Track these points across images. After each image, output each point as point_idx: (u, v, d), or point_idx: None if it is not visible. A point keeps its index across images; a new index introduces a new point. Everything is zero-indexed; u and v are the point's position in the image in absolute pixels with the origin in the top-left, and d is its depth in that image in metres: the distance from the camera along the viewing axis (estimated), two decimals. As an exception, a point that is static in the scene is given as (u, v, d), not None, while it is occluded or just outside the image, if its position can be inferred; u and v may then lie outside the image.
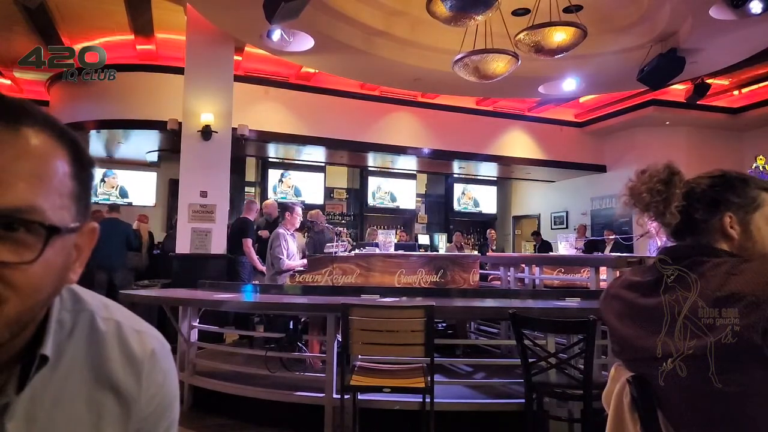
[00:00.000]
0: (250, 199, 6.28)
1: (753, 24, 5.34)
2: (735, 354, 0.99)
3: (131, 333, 0.64)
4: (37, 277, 0.51)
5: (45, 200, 0.50)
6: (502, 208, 13.30)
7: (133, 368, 0.63)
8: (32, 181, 0.50)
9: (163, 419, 0.66)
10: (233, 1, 5.31)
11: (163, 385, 0.65)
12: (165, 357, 0.67)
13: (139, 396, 0.62)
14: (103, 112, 7.66)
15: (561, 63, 6.42)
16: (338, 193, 11.72)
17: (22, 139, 0.50)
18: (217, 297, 3.77)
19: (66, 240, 0.53)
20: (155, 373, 0.64)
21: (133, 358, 0.63)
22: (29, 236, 0.49)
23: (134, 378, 0.62)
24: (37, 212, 0.49)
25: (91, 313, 0.63)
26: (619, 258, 4.69)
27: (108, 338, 0.62)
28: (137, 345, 0.64)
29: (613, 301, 1.25)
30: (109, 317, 0.64)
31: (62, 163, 0.53)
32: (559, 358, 2.77)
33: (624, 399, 1.14)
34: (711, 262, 1.09)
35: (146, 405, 0.63)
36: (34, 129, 0.51)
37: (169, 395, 0.67)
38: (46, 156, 0.52)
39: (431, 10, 4.32)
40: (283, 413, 3.50)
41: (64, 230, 0.52)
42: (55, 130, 0.54)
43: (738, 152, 9.59)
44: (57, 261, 0.53)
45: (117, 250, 6.77)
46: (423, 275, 5.51)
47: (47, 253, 0.50)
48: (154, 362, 0.65)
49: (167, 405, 0.67)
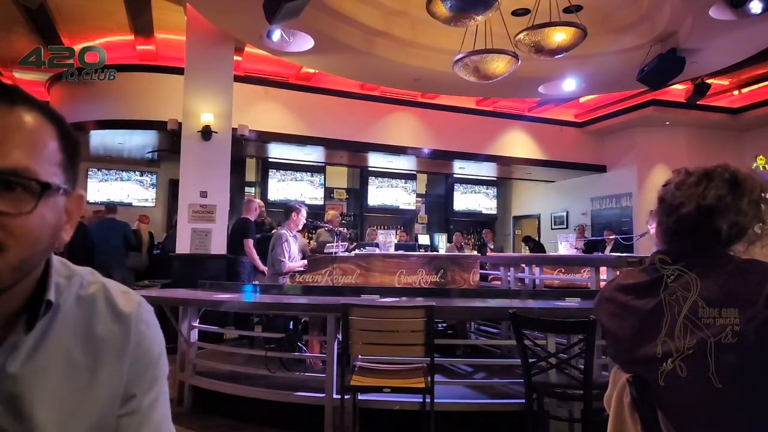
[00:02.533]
0: (249, 198, 6.24)
1: (753, 24, 5.34)
2: (735, 354, 0.99)
3: (117, 293, 0.74)
4: (34, 227, 0.59)
5: (38, 165, 0.60)
6: (502, 208, 13.30)
7: (121, 321, 0.71)
8: (26, 149, 0.59)
9: (150, 368, 0.74)
10: (233, 2, 5.31)
11: (147, 334, 0.74)
12: (148, 312, 0.76)
13: (128, 343, 0.71)
14: (103, 112, 7.66)
15: (561, 63, 6.42)
16: (338, 193, 11.73)
17: (17, 116, 0.60)
18: (217, 297, 3.77)
19: (57, 200, 0.63)
20: (140, 325, 0.73)
21: (120, 313, 0.72)
22: (25, 194, 0.58)
23: (122, 329, 0.71)
24: (31, 172, 0.59)
25: (81, 278, 0.72)
26: (619, 258, 4.69)
27: (96, 298, 0.71)
28: (123, 302, 0.73)
29: (608, 304, 1.24)
30: (96, 281, 0.73)
31: (51, 137, 0.63)
32: (560, 358, 2.77)
33: (624, 399, 1.14)
34: (711, 263, 1.09)
35: (134, 349, 0.71)
36: (26, 108, 0.61)
37: (154, 345, 0.75)
38: (38, 130, 0.62)
39: (431, 10, 4.32)
40: (283, 413, 3.49)
41: (55, 188, 0.61)
42: (45, 110, 0.63)
43: (738, 152, 9.58)
44: (50, 217, 0.62)
45: (115, 250, 6.78)
46: (423, 275, 5.51)
47: (41, 208, 0.59)
48: (139, 315, 0.74)
49: (154, 355, 0.75)
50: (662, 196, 1.20)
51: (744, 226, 1.09)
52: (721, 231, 1.09)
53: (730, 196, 1.09)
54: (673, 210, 1.14)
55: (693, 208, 1.10)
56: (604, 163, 10.56)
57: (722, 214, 1.08)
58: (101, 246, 6.74)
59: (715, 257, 1.10)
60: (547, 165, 10.29)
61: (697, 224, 1.11)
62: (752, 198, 1.09)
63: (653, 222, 1.25)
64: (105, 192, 10.24)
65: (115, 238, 6.80)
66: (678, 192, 1.14)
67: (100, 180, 10.32)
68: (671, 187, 1.17)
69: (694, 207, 1.10)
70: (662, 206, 1.19)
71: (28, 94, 0.62)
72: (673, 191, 1.15)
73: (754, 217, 1.09)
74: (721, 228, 1.08)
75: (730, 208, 1.08)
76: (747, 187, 1.10)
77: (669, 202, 1.16)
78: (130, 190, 10.49)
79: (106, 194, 10.17)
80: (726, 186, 1.10)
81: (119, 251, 6.83)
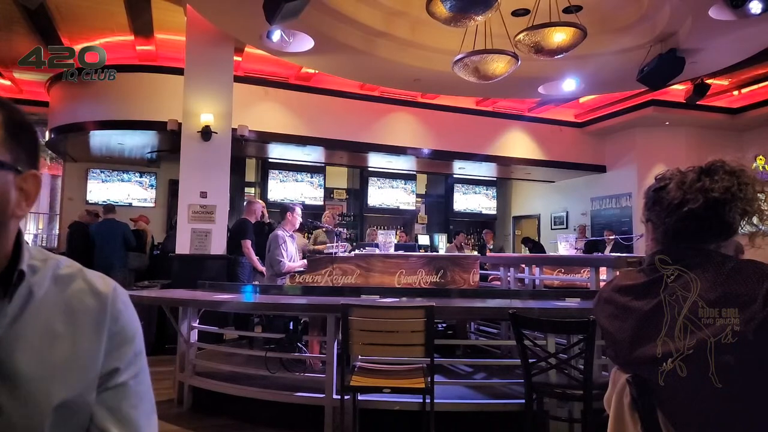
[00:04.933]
0: (250, 199, 6.18)
1: (753, 24, 5.34)
2: (735, 354, 0.99)
3: (94, 275, 0.79)
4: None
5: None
6: (502, 209, 13.29)
7: (99, 298, 0.77)
8: None
9: (128, 344, 0.78)
10: (233, 2, 5.31)
11: (124, 311, 0.79)
12: (123, 294, 0.81)
13: (105, 317, 0.76)
14: (103, 113, 7.66)
15: (561, 63, 6.42)
16: (338, 194, 11.73)
17: None
18: (216, 297, 3.77)
19: (5, 175, 0.69)
20: (117, 303, 0.78)
21: (98, 291, 0.77)
22: None
23: (100, 304, 0.76)
24: None
25: (57, 261, 0.77)
26: (619, 258, 4.69)
27: (74, 277, 0.77)
28: (100, 282, 0.79)
29: (606, 305, 1.24)
30: (72, 264, 0.79)
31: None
32: (559, 359, 2.77)
33: (624, 399, 1.14)
34: (710, 263, 1.09)
35: (111, 324, 0.76)
36: None
37: (131, 322, 0.80)
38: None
39: (431, 10, 4.32)
40: (283, 414, 3.49)
41: None
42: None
43: (738, 152, 9.54)
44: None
45: (115, 251, 6.78)
46: (423, 275, 5.51)
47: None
48: (116, 295, 0.79)
49: (131, 332, 0.79)
50: (658, 198, 1.19)
51: (752, 214, 1.09)
52: (732, 222, 1.09)
53: (736, 186, 1.09)
54: (675, 209, 1.13)
55: (700, 203, 1.10)
56: (604, 163, 10.57)
57: (731, 205, 1.08)
58: (102, 247, 6.75)
59: (714, 257, 1.10)
60: (547, 165, 10.30)
61: (705, 219, 1.11)
62: (755, 187, 1.10)
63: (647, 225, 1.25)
64: (105, 192, 10.24)
65: (115, 240, 6.80)
66: (679, 190, 1.14)
67: (100, 180, 10.32)
68: (671, 186, 1.16)
69: (701, 202, 1.10)
70: (659, 208, 1.18)
71: None
72: (674, 191, 1.15)
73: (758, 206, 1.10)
74: (732, 219, 1.08)
75: (738, 198, 1.08)
76: (748, 176, 1.11)
77: (669, 202, 1.15)
78: (130, 191, 10.49)
79: (106, 194, 10.18)
80: (730, 177, 1.10)
81: (119, 252, 6.83)
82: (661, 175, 1.22)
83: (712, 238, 1.13)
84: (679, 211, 1.13)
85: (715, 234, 1.12)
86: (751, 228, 1.11)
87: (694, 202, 1.11)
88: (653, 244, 1.21)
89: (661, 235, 1.19)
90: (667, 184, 1.18)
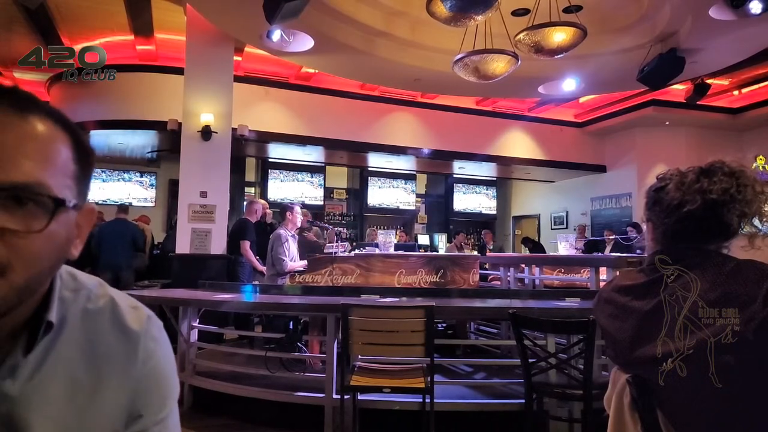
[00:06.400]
0: (252, 199, 6.14)
1: (753, 24, 5.34)
2: (735, 354, 0.99)
3: (126, 308, 0.70)
4: (43, 247, 0.55)
5: (51, 178, 0.56)
6: (502, 208, 13.29)
7: (128, 337, 0.68)
8: (39, 160, 0.55)
9: (159, 387, 0.69)
10: (233, 2, 5.31)
11: (155, 351, 0.70)
12: (158, 328, 0.72)
13: (135, 360, 0.67)
14: (103, 112, 7.66)
15: (561, 63, 6.42)
16: (338, 194, 11.73)
17: (29, 125, 0.56)
18: (217, 297, 3.77)
19: (69, 215, 0.59)
20: (149, 341, 0.69)
21: (128, 329, 0.68)
22: (37, 209, 0.54)
23: (129, 346, 0.67)
24: (44, 187, 0.55)
25: (89, 291, 0.68)
26: (619, 258, 4.69)
27: (103, 313, 0.67)
28: (131, 318, 0.69)
29: (606, 305, 1.24)
30: (104, 294, 0.69)
31: (65, 148, 0.59)
32: (559, 358, 2.77)
33: (624, 399, 1.14)
34: (710, 263, 1.09)
35: (141, 367, 0.67)
36: (40, 116, 0.57)
37: (162, 362, 0.70)
38: (51, 140, 0.58)
39: (431, 10, 4.32)
40: (283, 413, 3.49)
41: (69, 204, 0.58)
42: (59, 119, 0.60)
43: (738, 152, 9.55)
44: (61, 233, 0.58)
45: (124, 250, 6.75)
46: (423, 275, 5.51)
47: (53, 225, 0.56)
48: (147, 331, 0.69)
49: (163, 372, 0.70)
50: (657, 199, 1.20)
51: (751, 216, 1.09)
52: (730, 224, 1.09)
53: (735, 188, 1.09)
54: (674, 209, 1.14)
55: (699, 204, 1.10)
56: (604, 163, 10.57)
57: (729, 207, 1.08)
58: (111, 247, 6.66)
59: (714, 257, 1.10)
60: (547, 165, 10.30)
61: (703, 220, 1.11)
62: (755, 189, 1.10)
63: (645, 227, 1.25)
64: (105, 192, 10.25)
65: (124, 239, 6.76)
66: (678, 191, 1.14)
67: (100, 180, 10.32)
68: (670, 187, 1.16)
69: (700, 203, 1.10)
70: (659, 208, 1.18)
71: (41, 101, 0.59)
72: (673, 191, 1.15)
73: (757, 207, 1.10)
74: (730, 221, 1.08)
75: (736, 200, 1.08)
76: (748, 177, 1.11)
77: (668, 202, 1.15)
78: (130, 190, 10.50)
79: (106, 194, 10.18)
80: (729, 179, 1.10)
81: (128, 252, 6.80)
82: (661, 175, 1.22)
83: (711, 239, 1.13)
84: (678, 212, 1.13)
85: (714, 235, 1.12)
86: (750, 229, 1.11)
87: (692, 203, 1.11)
88: (653, 244, 1.21)
89: (660, 235, 1.19)
90: (667, 184, 1.18)
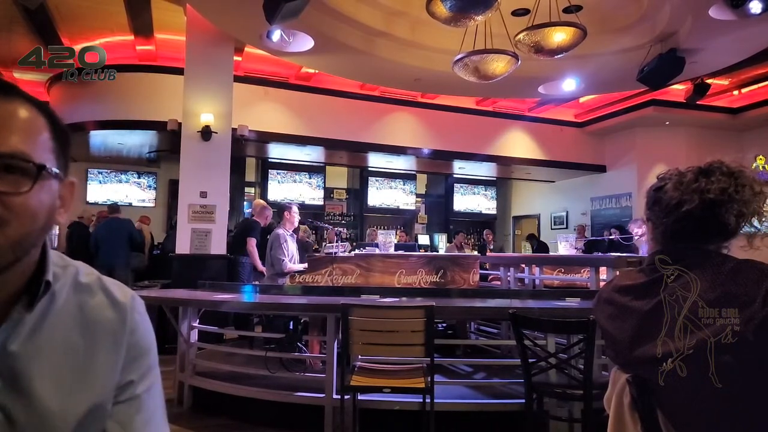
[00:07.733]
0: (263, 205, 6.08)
1: (753, 24, 5.34)
2: (735, 354, 0.99)
3: (112, 284, 0.79)
4: (32, 205, 0.64)
5: (33, 150, 0.66)
6: (502, 208, 13.29)
7: (118, 309, 0.76)
8: (22, 135, 0.65)
9: (144, 356, 0.78)
10: (233, 2, 5.31)
11: (141, 323, 0.78)
12: (140, 304, 0.80)
13: (124, 329, 0.76)
14: (103, 112, 7.66)
15: (561, 63, 6.42)
16: (338, 194, 11.73)
17: (13, 106, 0.66)
18: (217, 297, 3.77)
19: (51, 184, 0.68)
20: (134, 314, 0.78)
21: (117, 302, 0.77)
22: (23, 176, 0.64)
23: (118, 316, 0.76)
24: (27, 156, 0.64)
25: (76, 268, 0.77)
26: (619, 258, 4.69)
27: (92, 287, 0.76)
28: (118, 292, 0.78)
29: (606, 306, 1.24)
30: (91, 273, 0.78)
31: (43, 127, 0.69)
32: (559, 358, 2.77)
33: (624, 399, 1.14)
34: (710, 263, 1.09)
35: (129, 336, 0.76)
36: (21, 100, 0.67)
37: (147, 334, 0.79)
38: (32, 120, 0.68)
39: (431, 10, 4.32)
40: (283, 413, 3.49)
41: (49, 171, 0.67)
42: (37, 104, 0.70)
43: (738, 152, 9.54)
44: (45, 198, 0.67)
45: (120, 249, 6.75)
46: (423, 275, 5.51)
47: (37, 189, 0.65)
48: (133, 306, 0.78)
49: (147, 344, 0.79)
50: (657, 198, 1.20)
51: (749, 216, 1.09)
52: (728, 224, 1.09)
53: (733, 187, 1.09)
54: (673, 209, 1.14)
55: (697, 204, 1.10)
56: (604, 163, 10.57)
57: (727, 206, 1.08)
58: (106, 246, 6.68)
59: (714, 257, 1.10)
60: (547, 165, 10.30)
61: (701, 220, 1.11)
62: (753, 189, 1.10)
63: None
64: (105, 192, 10.24)
65: (121, 238, 6.76)
66: (677, 191, 1.14)
67: (100, 180, 10.32)
68: (669, 187, 1.16)
69: (698, 203, 1.10)
70: (658, 208, 1.18)
71: (22, 90, 0.69)
72: (671, 191, 1.15)
73: (755, 207, 1.10)
74: (728, 221, 1.08)
75: (734, 200, 1.08)
76: (747, 177, 1.11)
77: (667, 202, 1.15)
78: (129, 191, 10.50)
79: (106, 194, 10.17)
80: (727, 178, 1.10)
81: (124, 251, 6.79)
82: (662, 175, 1.22)
83: (710, 239, 1.13)
84: (676, 212, 1.13)
85: (713, 234, 1.12)
86: (750, 229, 1.12)
87: (690, 202, 1.11)
88: (653, 244, 1.22)
89: (660, 235, 1.19)
90: (666, 184, 1.18)
